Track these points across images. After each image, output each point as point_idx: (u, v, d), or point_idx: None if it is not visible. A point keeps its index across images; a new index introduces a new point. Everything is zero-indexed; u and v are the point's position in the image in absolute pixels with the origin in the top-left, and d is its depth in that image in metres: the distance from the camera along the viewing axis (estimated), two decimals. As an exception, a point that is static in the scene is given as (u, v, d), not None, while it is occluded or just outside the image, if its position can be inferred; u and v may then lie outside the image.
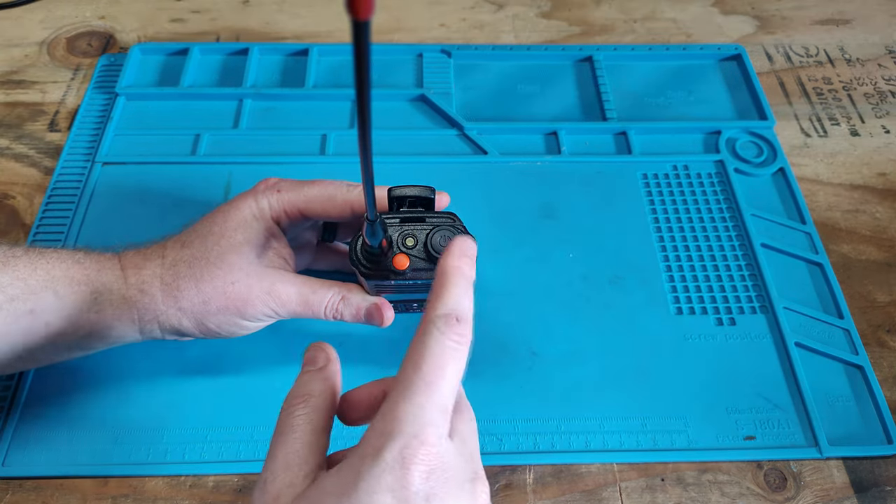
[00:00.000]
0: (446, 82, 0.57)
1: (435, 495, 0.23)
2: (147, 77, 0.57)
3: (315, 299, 0.35)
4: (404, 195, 0.33)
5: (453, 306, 0.26)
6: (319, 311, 0.35)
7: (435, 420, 0.24)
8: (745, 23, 0.65)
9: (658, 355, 0.43)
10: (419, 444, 0.23)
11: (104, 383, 0.40)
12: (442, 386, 0.24)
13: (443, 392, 0.24)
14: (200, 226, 0.36)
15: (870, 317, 0.45)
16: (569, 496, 0.38)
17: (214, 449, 0.38)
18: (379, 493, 0.22)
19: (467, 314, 0.26)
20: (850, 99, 0.58)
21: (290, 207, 0.37)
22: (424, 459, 0.23)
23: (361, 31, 0.18)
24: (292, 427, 0.26)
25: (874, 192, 0.52)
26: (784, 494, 0.38)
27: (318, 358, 0.29)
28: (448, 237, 0.32)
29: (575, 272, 0.46)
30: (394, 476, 0.22)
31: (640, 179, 0.51)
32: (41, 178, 0.51)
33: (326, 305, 0.35)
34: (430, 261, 0.32)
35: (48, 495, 0.37)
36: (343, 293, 0.35)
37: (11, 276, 0.33)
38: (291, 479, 0.25)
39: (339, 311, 0.35)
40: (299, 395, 0.27)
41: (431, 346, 0.25)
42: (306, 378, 0.28)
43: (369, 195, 0.27)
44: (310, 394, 0.27)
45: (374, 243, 0.31)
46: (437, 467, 0.23)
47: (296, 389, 0.28)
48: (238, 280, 0.35)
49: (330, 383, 0.28)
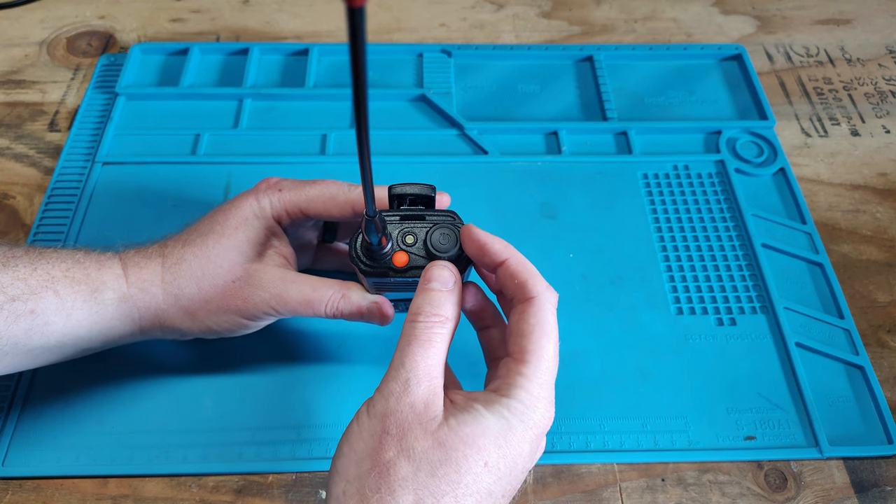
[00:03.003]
0: (447, 82, 0.57)
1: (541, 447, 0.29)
2: (147, 77, 0.57)
3: (315, 297, 0.35)
4: (404, 193, 0.33)
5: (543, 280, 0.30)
6: (320, 310, 0.35)
7: (553, 380, 0.29)
8: (746, 23, 0.65)
9: (658, 355, 0.43)
10: (552, 407, 0.29)
11: (104, 383, 0.40)
12: (557, 350, 0.30)
13: (556, 355, 0.29)
14: (201, 224, 0.36)
15: (870, 317, 0.45)
16: (569, 496, 0.38)
17: (215, 449, 0.38)
18: (525, 444, 0.27)
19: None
20: (851, 99, 0.58)
21: (291, 206, 0.37)
22: (550, 419, 0.29)
23: (356, 19, 0.18)
24: (432, 340, 0.28)
25: (874, 192, 0.52)
26: (784, 494, 0.38)
27: (448, 280, 0.30)
28: (448, 235, 0.32)
29: (575, 272, 0.46)
30: (538, 433, 0.28)
31: (641, 179, 0.51)
32: (41, 178, 0.51)
33: (327, 303, 0.35)
34: (429, 258, 0.32)
35: (48, 495, 0.37)
36: (343, 291, 0.35)
37: (12, 276, 0.33)
38: (435, 388, 0.28)
39: (340, 309, 0.35)
40: (437, 314, 0.29)
41: (550, 315, 0.29)
42: (440, 297, 0.30)
43: (367, 190, 0.27)
44: (447, 316, 0.29)
45: (374, 240, 0.31)
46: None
47: (430, 306, 0.29)
48: (239, 278, 0.35)
49: (458, 310, 0.30)
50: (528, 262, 0.31)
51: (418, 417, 0.27)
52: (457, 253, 0.32)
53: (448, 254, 0.32)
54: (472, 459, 0.26)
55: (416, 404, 0.27)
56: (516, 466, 0.27)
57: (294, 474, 0.38)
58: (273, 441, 0.39)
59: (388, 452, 0.26)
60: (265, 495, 0.37)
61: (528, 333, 0.29)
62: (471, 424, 0.27)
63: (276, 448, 0.38)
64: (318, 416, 0.40)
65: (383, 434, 0.27)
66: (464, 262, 0.32)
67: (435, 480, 0.26)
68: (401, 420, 0.27)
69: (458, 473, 0.26)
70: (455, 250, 0.32)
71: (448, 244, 0.32)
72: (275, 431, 0.39)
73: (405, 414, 0.27)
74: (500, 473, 0.27)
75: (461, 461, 0.26)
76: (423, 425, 0.27)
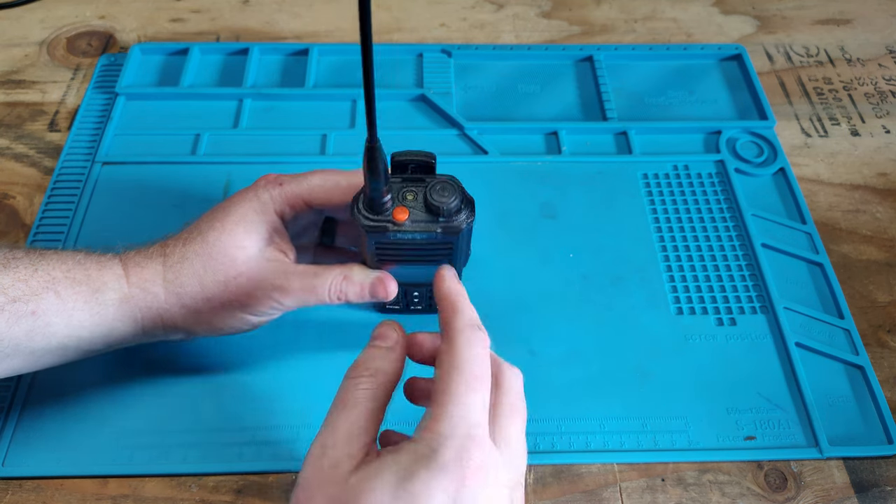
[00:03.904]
0: (447, 82, 0.57)
1: (478, 499, 0.25)
2: (147, 77, 0.57)
3: (318, 282, 0.35)
4: (407, 160, 0.34)
5: (471, 317, 0.29)
6: (324, 295, 0.35)
7: (481, 421, 0.26)
8: (746, 23, 0.65)
9: (658, 355, 0.43)
10: (474, 447, 0.25)
11: (104, 383, 0.40)
12: (482, 389, 0.27)
13: (484, 394, 0.27)
14: (202, 222, 0.36)
15: (870, 317, 0.45)
16: (569, 496, 0.38)
17: (215, 449, 0.38)
18: (434, 491, 0.24)
19: (479, 320, 0.29)
20: (851, 99, 0.58)
21: (294, 198, 0.37)
22: (479, 464, 0.25)
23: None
24: (356, 400, 0.28)
25: (874, 192, 0.52)
26: (784, 494, 0.38)
27: (389, 336, 0.30)
28: (448, 188, 0.33)
29: (575, 272, 0.46)
30: (452, 479, 0.24)
31: (641, 179, 0.51)
32: (41, 178, 0.51)
33: (330, 287, 0.35)
34: (429, 212, 0.33)
35: (48, 495, 0.37)
36: (345, 273, 0.35)
37: (13, 277, 0.33)
38: (351, 451, 0.26)
39: (343, 291, 0.35)
40: (367, 369, 0.29)
41: (468, 354, 0.27)
42: (375, 353, 0.29)
43: (370, 114, 0.28)
44: (377, 370, 0.29)
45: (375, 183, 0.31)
46: (489, 472, 0.25)
47: (363, 362, 0.29)
48: (241, 274, 0.35)
49: (397, 365, 0.30)
50: (458, 301, 0.30)
51: (322, 482, 0.25)
52: (457, 206, 0.33)
53: (448, 205, 0.32)
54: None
55: (324, 468, 0.26)
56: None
57: (294, 474, 0.38)
58: (273, 441, 0.39)
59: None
60: (265, 495, 0.37)
61: (440, 375, 0.27)
62: (369, 479, 0.25)
63: (276, 448, 0.38)
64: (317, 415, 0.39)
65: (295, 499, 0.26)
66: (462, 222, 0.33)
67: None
68: (308, 486, 0.26)
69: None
70: (455, 202, 0.33)
71: (448, 197, 0.33)
72: (275, 431, 0.39)
73: (312, 479, 0.26)
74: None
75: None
76: (324, 489, 0.25)
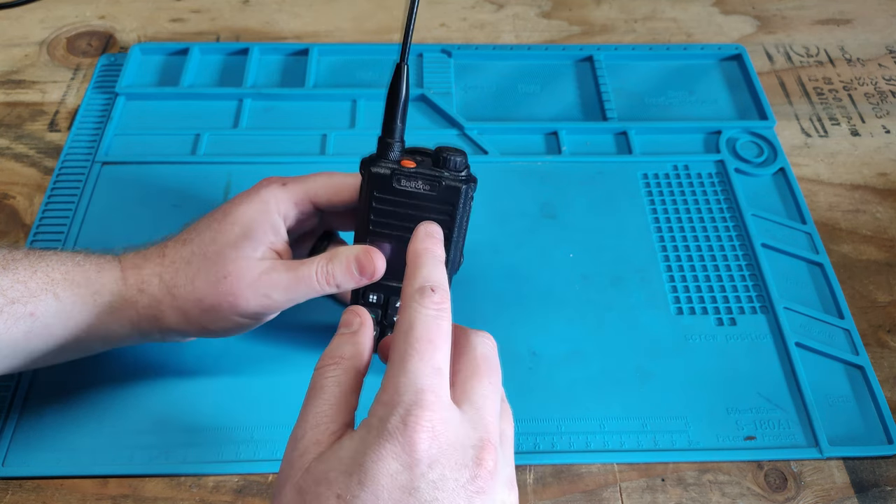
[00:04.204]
0: (446, 82, 0.57)
1: (437, 461, 0.23)
2: (147, 77, 0.57)
3: (304, 270, 0.34)
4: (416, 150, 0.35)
5: (425, 278, 0.28)
6: (312, 282, 0.34)
7: (432, 385, 0.25)
8: (746, 23, 0.65)
9: (658, 355, 0.43)
10: (420, 410, 0.24)
11: (104, 383, 0.40)
12: (431, 351, 0.25)
13: (434, 357, 0.25)
14: (200, 223, 0.36)
15: (870, 317, 0.45)
16: (569, 496, 0.38)
17: (214, 449, 0.38)
18: (384, 459, 0.23)
19: (441, 283, 0.28)
20: (851, 99, 0.58)
21: (299, 197, 0.36)
22: (427, 425, 0.24)
23: None
24: (322, 387, 0.27)
25: (875, 192, 0.52)
26: (784, 495, 0.38)
27: (353, 322, 0.30)
28: (455, 150, 0.33)
29: (575, 272, 0.46)
30: (398, 443, 0.23)
31: (641, 179, 0.51)
32: (41, 178, 0.51)
33: (316, 272, 0.34)
34: (436, 165, 0.33)
35: (48, 495, 0.37)
36: (329, 255, 0.35)
37: (12, 278, 0.33)
38: (318, 437, 0.26)
39: (331, 273, 0.34)
40: (331, 357, 0.28)
41: (414, 317, 0.26)
42: (340, 340, 0.29)
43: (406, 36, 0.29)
44: (341, 356, 0.28)
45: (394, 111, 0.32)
46: (440, 432, 0.24)
47: (329, 351, 0.29)
48: (230, 273, 0.34)
49: (361, 347, 0.29)
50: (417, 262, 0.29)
51: (291, 472, 0.25)
52: (463, 163, 0.33)
53: (455, 158, 0.33)
54: (323, 498, 0.23)
55: (293, 459, 0.25)
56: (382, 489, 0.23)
57: (294, 474, 0.38)
58: (273, 440, 0.39)
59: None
60: (265, 495, 0.37)
61: (391, 344, 0.27)
62: (327, 461, 0.24)
63: (276, 448, 0.38)
64: (318, 416, 0.40)
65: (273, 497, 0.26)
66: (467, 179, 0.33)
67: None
68: (279, 479, 0.26)
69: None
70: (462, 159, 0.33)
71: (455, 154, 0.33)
72: (274, 430, 0.39)
73: (283, 472, 0.26)
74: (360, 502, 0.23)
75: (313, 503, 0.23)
76: (292, 479, 0.25)
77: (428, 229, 0.32)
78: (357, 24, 0.63)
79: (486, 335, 0.29)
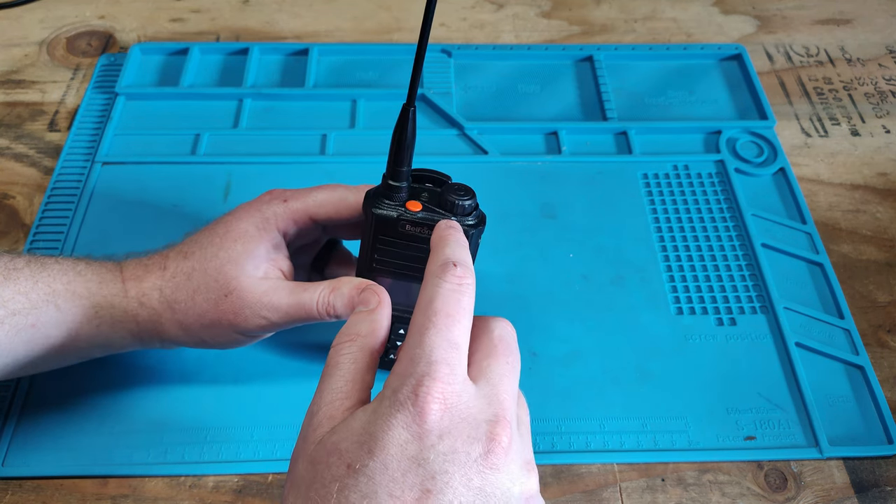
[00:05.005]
0: (446, 82, 0.57)
1: (448, 432, 0.23)
2: (147, 77, 0.57)
3: (306, 297, 0.34)
4: (423, 174, 0.34)
5: (448, 256, 0.28)
6: (312, 309, 0.34)
7: (447, 357, 0.25)
8: (746, 22, 0.65)
9: (658, 355, 0.43)
10: (431, 381, 0.24)
11: (104, 383, 0.40)
12: (449, 325, 0.25)
13: (452, 331, 0.25)
14: (202, 236, 0.36)
15: (870, 317, 0.45)
16: (569, 496, 0.38)
17: (214, 449, 0.38)
18: (394, 429, 0.23)
19: (464, 260, 0.28)
20: (851, 99, 0.58)
21: (299, 215, 0.36)
22: (438, 396, 0.24)
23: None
24: (338, 364, 0.27)
25: (875, 192, 0.52)
26: (784, 495, 0.38)
27: (371, 300, 0.30)
28: (462, 191, 0.32)
29: (575, 272, 0.46)
30: (408, 412, 0.23)
31: (641, 179, 0.51)
32: (41, 178, 0.51)
33: (318, 300, 0.34)
34: (441, 208, 0.32)
35: (48, 495, 0.37)
36: (333, 285, 0.35)
37: (13, 290, 0.33)
38: (332, 413, 0.26)
39: (331, 304, 0.34)
40: (348, 334, 0.28)
41: (434, 291, 0.26)
42: (357, 318, 0.29)
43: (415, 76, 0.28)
44: (357, 333, 0.28)
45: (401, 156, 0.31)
46: (453, 404, 0.24)
47: (345, 328, 0.29)
48: (232, 291, 0.34)
49: (378, 325, 0.29)
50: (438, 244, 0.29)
51: (305, 446, 0.25)
52: (471, 206, 0.32)
53: (461, 201, 0.32)
54: (334, 468, 0.23)
55: (308, 434, 0.25)
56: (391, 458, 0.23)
57: (294, 474, 0.38)
58: (273, 440, 0.39)
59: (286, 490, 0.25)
60: (265, 495, 0.37)
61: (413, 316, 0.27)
62: (339, 432, 0.24)
63: (276, 448, 0.38)
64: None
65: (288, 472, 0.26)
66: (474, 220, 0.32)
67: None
68: (294, 454, 0.26)
69: (325, 487, 0.23)
70: (469, 202, 0.32)
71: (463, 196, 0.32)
72: (274, 430, 0.39)
73: (298, 447, 0.26)
74: (371, 472, 0.23)
75: (324, 473, 0.23)
76: (306, 453, 0.25)
77: (449, 222, 0.31)
78: (357, 24, 0.63)
79: (504, 321, 0.29)
